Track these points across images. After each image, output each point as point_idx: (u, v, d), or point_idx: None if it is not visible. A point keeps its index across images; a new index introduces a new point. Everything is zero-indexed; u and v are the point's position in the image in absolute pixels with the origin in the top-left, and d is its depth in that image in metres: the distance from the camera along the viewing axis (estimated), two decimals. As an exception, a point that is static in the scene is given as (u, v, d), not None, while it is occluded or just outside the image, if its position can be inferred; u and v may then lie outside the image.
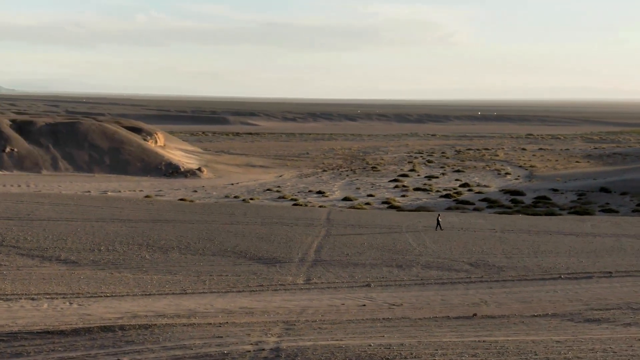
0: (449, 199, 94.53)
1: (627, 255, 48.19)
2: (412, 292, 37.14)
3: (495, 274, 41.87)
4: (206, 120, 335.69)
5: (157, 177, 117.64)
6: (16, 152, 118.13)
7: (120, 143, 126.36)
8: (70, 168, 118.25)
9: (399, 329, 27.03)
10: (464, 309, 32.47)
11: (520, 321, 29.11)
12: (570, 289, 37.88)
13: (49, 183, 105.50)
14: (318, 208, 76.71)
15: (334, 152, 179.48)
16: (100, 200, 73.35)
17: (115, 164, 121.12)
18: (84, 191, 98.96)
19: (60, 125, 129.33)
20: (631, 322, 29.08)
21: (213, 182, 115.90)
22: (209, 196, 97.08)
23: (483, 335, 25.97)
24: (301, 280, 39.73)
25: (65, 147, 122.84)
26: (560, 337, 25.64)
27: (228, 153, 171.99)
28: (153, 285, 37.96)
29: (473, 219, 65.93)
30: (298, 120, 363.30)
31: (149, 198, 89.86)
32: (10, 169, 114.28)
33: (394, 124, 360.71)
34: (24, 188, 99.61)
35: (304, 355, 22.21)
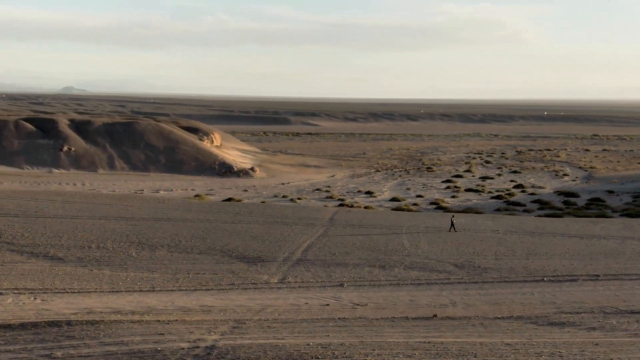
0: (499, 200, 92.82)
1: (623, 258, 46.93)
2: (384, 292, 36.59)
3: (477, 275, 41.12)
4: (268, 121, 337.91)
5: (211, 177, 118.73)
6: (73, 151, 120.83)
7: (176, 143, 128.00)
8: (126, 167, 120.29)
9: (349, 328, 26.67)
10: (427, 310, 31.88)
11: (479, 323, 28.38)
12: (548, 292, 36.99)
13: (103, 182, 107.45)
14: (326, 208, 75.93)
15: (391, 153, 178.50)
16: (112, 199, 73.72)
17: (170, 163, 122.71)
18: (137, 190, 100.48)
19: (117, 125, 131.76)
20: (597, 327, 28.16)
21: (265, 181, 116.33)
22: (257, 195, 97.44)
23: (432, 336, 25.54)
24: (275, 280, 39.41)
25: (122, 146, 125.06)
26: (513, 340, 25.00)
27: (284, 153, 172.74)
28: (125, 283, 37.93)
29: (481, 220, 64.98)
30: (359, 121, 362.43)
31: (198, 197, 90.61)
32: (68, 168, 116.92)
33: (457, 124, 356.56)
34: (78, 186, 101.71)
35: (235, 353, 22.07)
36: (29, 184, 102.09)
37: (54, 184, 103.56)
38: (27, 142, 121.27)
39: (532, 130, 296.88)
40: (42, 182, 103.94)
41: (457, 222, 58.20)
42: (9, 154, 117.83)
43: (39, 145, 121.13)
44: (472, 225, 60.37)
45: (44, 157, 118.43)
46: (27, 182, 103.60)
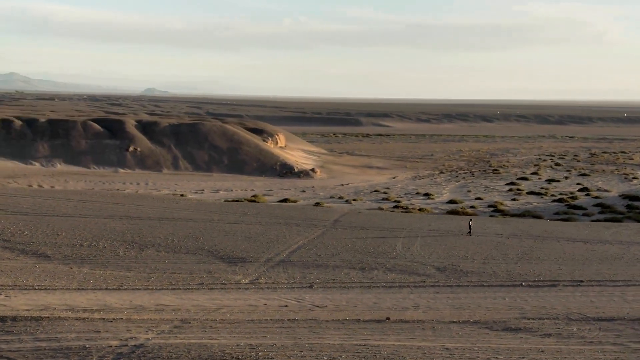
0: (561, 203, 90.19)
1: (618, 264, 45.58)
2: (351, 294, 36.14)
3: (455, 279, 40.46)
4: (339, 122, 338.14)
5: (271, 177, 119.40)
6: (139, 152, 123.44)
7: (239, 144, 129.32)
8: (189, 167, 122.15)
9: (292, 330, 26.47)
10: (386, 312, 31.33)
11: (431, 327, 27.91)
12: (521, 297, 36.10)
13: (166, 182, 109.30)
14: (338, 209, 74.91)
15: (460, 154, 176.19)
16: (128, 198, 74.18)
17: (233, 163, 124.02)
18: (198, 190, 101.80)
19: (182, 126, 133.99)
20: (553, 333, 27.30)
21: (324, 182, 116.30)
22: (314, 196, 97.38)
23: (372, 339, 25.10)
24: (247, 280, 39.27)
25: (187, 147, 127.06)
26: (454, 345, 24.47)
27: (350, 154, 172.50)
28: (97, 281, 38.21)
29: (489, 223, 63.80)
30: (432, 122, 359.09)
31: (255, 198, 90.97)
32: (133, 168, 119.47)
33: (533, 125, 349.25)
34: (142, 186, 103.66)
35: (158, 352, 22.18)
36: (94, 183, 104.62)
37: (118, 183, 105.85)
38: (94, 142, 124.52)
39: (610, 132, 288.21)
40: (107, 182, 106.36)
41: (464, 226, 57.16)
42: (77, 154, 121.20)
43: (106, 145, 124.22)
44: (479, 228, 59.36)
45: (110, 157, 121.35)
46: (92, 181, 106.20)
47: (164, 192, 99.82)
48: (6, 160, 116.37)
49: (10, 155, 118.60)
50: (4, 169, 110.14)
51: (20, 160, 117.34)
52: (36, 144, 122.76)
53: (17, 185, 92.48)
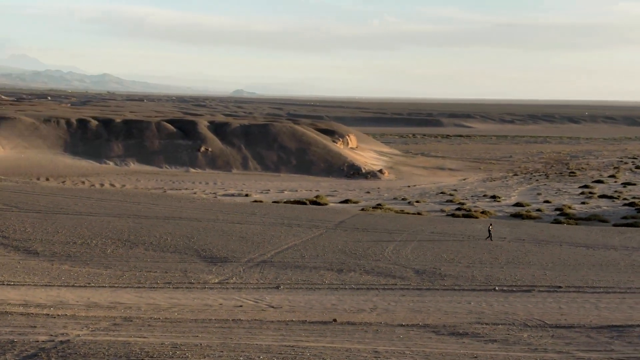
0: (631, 207, 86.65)
1: (608, 270, 44.18)
2: (314, 295, 35.77)
3: (429, 282, 39.79)
4: (420, 123, 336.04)
5: (338, 178, 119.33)
6: (210, 152, 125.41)
7: (308, 144, 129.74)
8: (259, 167, 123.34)
9: (228, 330, 26.35)
10: (337, 314, 30.99)
11: (374, 330, 27.43)
12: (487, 301, 35.27)
13: (234, 181, 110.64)
14: (348, 210, 73.77)
15: (540, 156, 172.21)
16: (146, 197, 74.60)
17: (301, 164, 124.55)
18: (264, 190, 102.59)
19: (253, 127, 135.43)
20: (499, 339, 26.57)
21: (391, 183, 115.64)
22: (378, 197, 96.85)
23: (304, 340, 24.94)
24: (217, 280, 39.15)
25: (256, 147, 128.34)
26: (385, 348, 23.96)
27: (426, 155, 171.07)
28: (70, 277, 38.54)
29: (498, 226, 61.95)
30: (516, 123, 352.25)
31: (317, 198, 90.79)
32: (204, 167, 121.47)
33: (622, 127, 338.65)
34: (210, 186, 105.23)
35: (78, 348, 22.27)
36: (164, 182, 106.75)
37: (188, 182, 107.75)
38: (167, 143, 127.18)
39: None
40: (176, 181, 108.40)
41: (476, 229, 56.38)
42: (150, 154, 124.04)
43: (179, 145, 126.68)
44: (483, 232, 58.20)
45: (182, 157, 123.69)
46: (162, 180, 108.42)
47: (230, 191, 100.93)
48: (81, 159, 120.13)
49: (85, 154, 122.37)
50: (78, 168, 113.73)
51: (95, 159, 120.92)
52: (111, 143, 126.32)
53: (68, 184, 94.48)
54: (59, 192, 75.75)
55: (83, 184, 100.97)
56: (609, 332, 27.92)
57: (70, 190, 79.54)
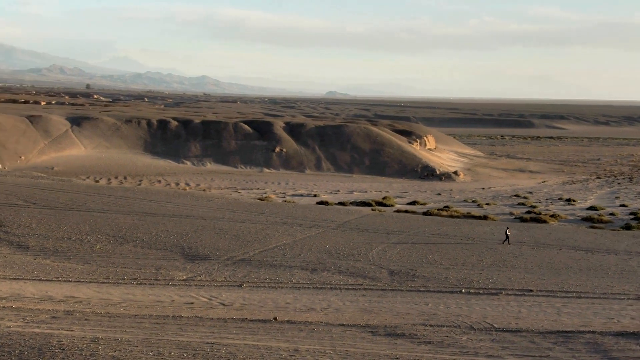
0: None
1: (593, 275, 43.03)
2: (273, 294, 35.83)
3: (398, 283, 39.46)
4: (510, 124, 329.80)
5: (412, 179, 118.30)
6: (284, 152, 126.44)
7: (382, 145, 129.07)
8: (331, 168, 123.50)
9: (159, 326, 26.60)
10: (285, 313, 31.15)
11: (310, 329, 27.54)
12: (446, 303, 34.87)
13: (305, 182, 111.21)
14: (360, 211, 73.08)
15: (629, 159, 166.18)
16: (165, 195, 74.90)
17: (374, 165, 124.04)
18: (333, 190, 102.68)
19: (328, 128, 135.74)
20: (435, 341, 26.32)
21: (465, 185, 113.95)
22: (448, 199, 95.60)
23: (230, 338, 25.17)
24: (184, 277, 39.48)
25: (330, 148, 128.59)
26: (308, 347, 24.07)
27: (510, 157, 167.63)
28: (43, 272, 39.24)
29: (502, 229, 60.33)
30: (611, 124, 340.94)
31: (385, 200, 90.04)
32: (277, 168, 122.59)
33: None
34: (281, 186, 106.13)
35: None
36: (237, 182, 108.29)
37: (260, 182, 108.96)
38: (243, 143, 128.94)
39: None
40: (249, 181, 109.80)
41: (483, 231, 55.66)
42: (227, 154, 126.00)
43: (254, 146, 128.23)
44: (488, 234, 57.66)
45: (257, 158, 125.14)
46: (236, 180, 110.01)
47: (300, 191, 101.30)
48: (160, 159, 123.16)
49: (164, 154, 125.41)
50: (156, 167, 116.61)
51: (173, 159, 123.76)
52: (189, 143, 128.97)
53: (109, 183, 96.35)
54: (86, 189, 77.13)
55: (159, 183, 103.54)
56: (555, 337, 27.34)
57: (102, 188, 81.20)
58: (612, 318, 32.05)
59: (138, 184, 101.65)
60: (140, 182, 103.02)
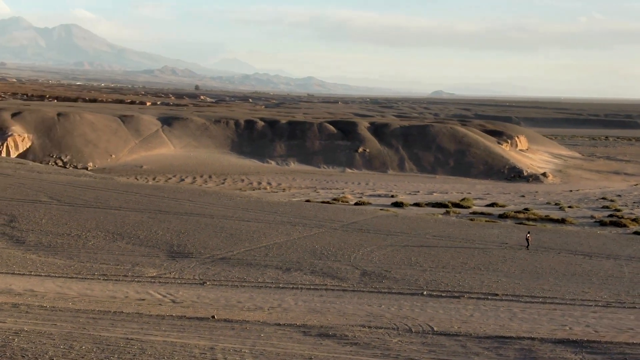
0: None
1: (572, 281, 41.83)
2: (230, 293, 35.95)
3: (363, 284, 39.23)
4: (617, 125, 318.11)
5: (497, 181, 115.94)
6: (367, 153, 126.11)
7: (467, 146, 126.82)
8: (414, 169, 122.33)
9: (93, 321, 27.02)
10: (232, 311, 31.18)
11: (243, 327, 27.59)
12: (398, 305, 34.45)
13: (385, 182, 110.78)
14: (374, 211, 71.26)
15: None
16: (191, 193, 74.94)
17: (458, 166, 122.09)
18: (413, 191, 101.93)
19: (412, 128, 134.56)
20: (362, 342, 26.16)
21: (552, 187, 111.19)
22: (530, 202, 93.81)
23: (152, 334, 25.31)
24: (153, 274, 39.87)
25: (414, 148, 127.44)
26: (227, 345, 24.20)
27: (610, 159, 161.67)
28: (21, 266, 40.21)
29: (515, 231, 60.05)
30: None
31: (464, 201, 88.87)
32: (360, 168, 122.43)
33: None
34: (361, 186, 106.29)
35: None
36: (318, 181, 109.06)
37: (340, 182, 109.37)
38: (327, 143, 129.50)
39: None
40: (330, 181, 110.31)
41: (491, 234, 54.91)
42: (310, 154, 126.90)
43: (338, 146, 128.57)
44: (493, 237, 56.76)
45: (340, 158, 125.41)
46: (317, 180, 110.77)
47: (378, 192, 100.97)
48: (246, 158, 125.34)
49: (250, 154, 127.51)
50: (241, 167, 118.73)
51: (258, 159, 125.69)
52: (274, 143, 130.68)
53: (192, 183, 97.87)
54: (119, 187, 78.12)
55: (242, 182, 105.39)
56: (491, 342, 26.86)
57: (135, 186, 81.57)
58: (565, 325, 31.20)
59: (221, 183, 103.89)
60: (223, 181, 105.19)
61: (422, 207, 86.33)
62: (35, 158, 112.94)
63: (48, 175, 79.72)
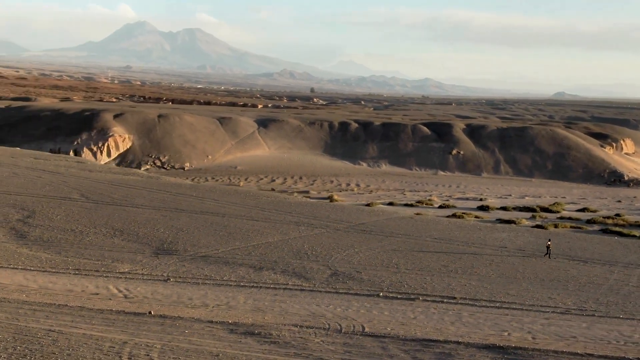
0: None
1: (547, 287, 40.95)
2: (186, 290, 36.28)
3: (327, 284, 39.26)
4: None
5: (596, 185, 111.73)
6: (462, 155, 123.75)
7: (567, 149, 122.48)
8: (510, 172, 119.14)
9: (30, 312, 27.76)
10: (174, 308, 31.41)
11: (172, 323, 28.03)
12: (346, 305, 34.45)
13: (478, 185, 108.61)
14: (390, 212, 70.71)
15: None
16: (218, 193, 75.45)
17: (556, 169, 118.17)
18: (504, 195, 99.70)
19: (510, 130, 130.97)
20: (282, 342, 26.40)
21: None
22: (627, 207, 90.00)
23: (78, 327, 25.69)
24: (125, 270, 40.75)
25: (510, 151, 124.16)
26: (140, 339, 24.68)
27: None
28: (5, 260, 41.71)
29: (523, 236, 58.84)
30: None
31: (547, 207, 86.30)
32: (453, 170, 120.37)
33: None
34: (452, 189, 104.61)
35: None
36: (407, 184, 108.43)
37: (430, 185, 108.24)
38: (420, 145, 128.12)
39: None
40: (419, 183, 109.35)
41: (497, 238, 54.02)
42: (402, 156, 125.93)
43: (431, 148, 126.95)
44: (497, 241, 55.79)
45: (432, 160, 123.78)
46: (406, 182, 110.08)
47: (468, 195, 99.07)
48: (337, 160, 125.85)
49: (342, 155, 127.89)
50: (332, 168, 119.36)
51: (350, 160, 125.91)
52: (367, 145, 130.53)
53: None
54: (153, 186, 79.81)
55: (331, 183, 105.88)
56: (414, 345, 27.03)
57: (168, 185, 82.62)
58: (505, 331, 30.91)
59: (310, 184, 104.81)
60: (312, 182, 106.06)
61: (508, 211, 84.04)
62: (135, 158, 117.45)
63: (98, 174, 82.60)
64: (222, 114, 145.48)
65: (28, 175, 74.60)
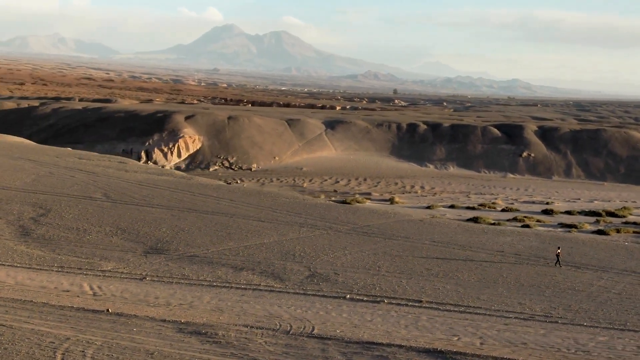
0: None
1: (523, 293, 40.34)
2: (156, 289, 36.60)
3: (299, 286, 39.44)
4: None
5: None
6: (532, 157, 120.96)
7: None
8: (582, 175, 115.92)
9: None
10: (135, 305, 31.76)
11: (125, 321, 28.13)
12: (305, 307, 34.67)
13: (547, 189, 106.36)
14: (400, 215, 69.31)
15: None
16: (239, 194, 75.70)
17: (630, 173, 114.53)
18: (572, 199, 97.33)
19: (583, 132, 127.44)
20: (223, 342, 26.63)
21: None
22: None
23: (30, 322, 26.28)
24: (107, 268, 41.57)
25: (583, 154, 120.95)
26: (85, 335, 24.76)
27: None
28: (5, 258, 42.73)
29: (527, 240, 58.00)
30: None
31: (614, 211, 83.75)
32: (522, 173, 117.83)
33: None
34: (519, 192, 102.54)
35: None
36: (473, 186, 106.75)
37: (498, 188, 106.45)
38: (489, 147, 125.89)
39: None
40: (486, 186, 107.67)
41: (501, 242, 53.78)
42: (471, 158, 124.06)
43: (501, 150, 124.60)
44: (497, 245, 55.15)
45: (502, 162, 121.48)
46: (473, 185, 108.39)
47: (534, 198, 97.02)
48: (404, 162, 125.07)
49: (409, 157, 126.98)
50: (398, 170, 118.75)
51: (417, 162, 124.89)
52: (435, 147, 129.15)
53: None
54: (179, 186, 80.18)
55: (395, 185, 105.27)
56: (355, 347, 27.27)
57: (193, 186, 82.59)
58: (456, 335, 30.96)
59: (374, 185, 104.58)
60: (377, 184, 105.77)
61: (572, 215, 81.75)
62: (204, 159, 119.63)
63: (132, 174, 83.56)
64: (292, 116, 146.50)
65: (62, 175, 76.63)
